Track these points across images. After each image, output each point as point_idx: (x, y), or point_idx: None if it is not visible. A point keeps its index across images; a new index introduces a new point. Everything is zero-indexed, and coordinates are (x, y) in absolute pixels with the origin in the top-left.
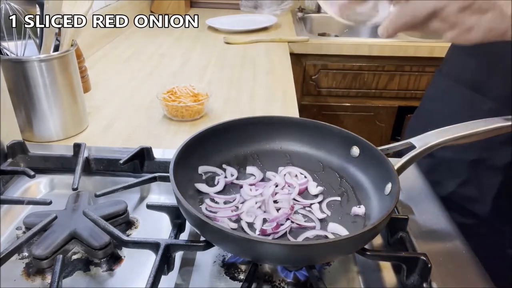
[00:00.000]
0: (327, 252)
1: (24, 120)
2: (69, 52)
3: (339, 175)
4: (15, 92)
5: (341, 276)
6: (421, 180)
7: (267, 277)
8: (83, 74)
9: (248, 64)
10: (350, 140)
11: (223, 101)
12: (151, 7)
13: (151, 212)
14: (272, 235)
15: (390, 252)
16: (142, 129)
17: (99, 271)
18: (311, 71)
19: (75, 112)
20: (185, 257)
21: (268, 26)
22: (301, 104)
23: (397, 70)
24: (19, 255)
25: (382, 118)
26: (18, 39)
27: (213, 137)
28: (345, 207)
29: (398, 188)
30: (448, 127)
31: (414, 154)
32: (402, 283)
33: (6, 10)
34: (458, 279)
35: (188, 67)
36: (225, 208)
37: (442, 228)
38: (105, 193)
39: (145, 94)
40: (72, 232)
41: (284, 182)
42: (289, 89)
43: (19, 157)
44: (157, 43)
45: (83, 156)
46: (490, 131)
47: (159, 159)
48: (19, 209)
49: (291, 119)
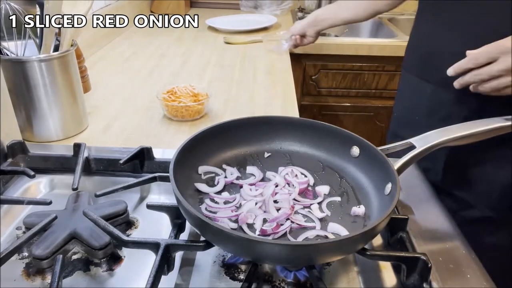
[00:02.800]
0: (327, 252)
1: (24, 120)
2: (69, 52)
3: (339, 175)
4: (15, 92)
5: (341, 276)
6: (421, 180)
7: (267, 277)
8: (83, 74)
9: (248, 64)
10: (350, 140)
11: (223, 101)
12: (151, 7)
13: (151, 212)
14: (272, 235)
15: (390, 252)
16: (142, 129)
17: (99, 271)
18: (311, 71)
19: (75, 112)
20: (185, 257)
21: (268, 26)
22: (301, 104)
23: (397, 70)
24: (19, 255)
25: (382, 118)
26: (18, 39)
27: (213, 137)
28: (345, 207)
29: (398, 188)
30: (448, 127)
31: (414, 154)
32: (402, 283)
33: (6, 10)
34: (458, 279)
35: (188, 67)
36: (225, 208)
37: (442, 228)
38: (105, 193)
39: (145, 94)
40: (72, 232)
41: (284, 182)
42: (289, 89)
43: (19, 157)
44: (157, 43)
45: (83, 156)
46: (490, 131)
47: (159, 159)
48: (19, 209)
49: (291, 119)
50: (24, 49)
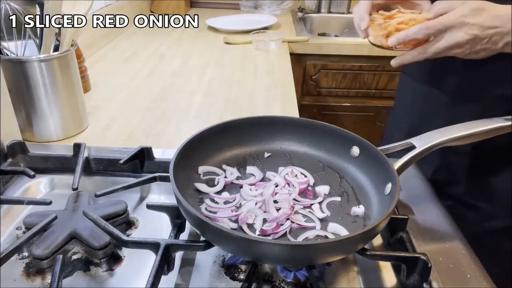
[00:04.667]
0: (327, 252)
1: (24, 120)
2: (69, 52)
3: (339, 175)
4: (15, 92)
5: (341, 276)
6: (421, 180)
7: (267, 277)
8: (83, 74)
9: (248, 64)
10: (350, 140)
11: (223, 101)
12: (151, 7)
13: (151, 212)
14: (272, 235)
15: (390, 252)
16: (142, 129)
17: (99, 271)
18: (311, 71)
19: (75, 112)
20: (185, 257)
21: (268, 26)
22: (301, 104)
23: (397, 70)
24: (19, 255)
25: (382, 118)
26: (18, 39)
27: (213, 137)
28: (345, 207)
29: (398, 188)
30: (448, 127)
31: (414, 154)
32: (402, 283)
33: (6, 10)
34: (458, 279)
35: (188, 67)
36: (225, 208)
37: (442, 228)
38: (105, 193)
39: (145, 94)
40: (72, 232)
41: (284, 182)
42: (289, 89)
43: (19, 157)
44: (157, 43)
45: (83, 156)
46: (490, 131)
47: (159, 159)
48: (19, 209)
49: (291, 119)
50: (24, 49)
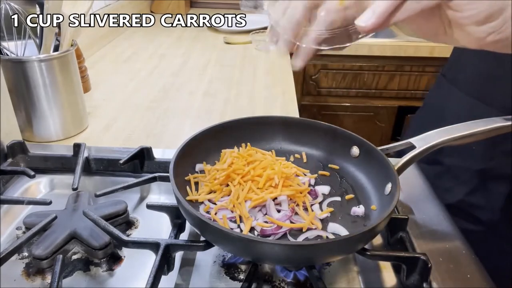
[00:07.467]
0: (327, 252)
1: (24, 120)
2: (69, 52)
3: (339, 175)
4: (15, 92)
5: (341, 276)
6: (421, 180)
7: (267, 277)
8: (83, 74)
9: (248, 64)
10: (350, 140)
11: (223, 101)
12: (151, 7)
13: (151, 212)
14: (272, 235)
15: (390, 252)
16: (142, 129)
17: (99, 271)
18: (311, 71)
19: (75, 112)
20: (185, 257)
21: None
22: (301, 104)
23: (397, 70)
24: (19, 255)
25: (382, 118)
26: (18, 39)
27: (213, 137)
28: (345, 207)
29: (398, 188)
30: (448, 127)
31: (414, 154)
32: (402, 283)
33: (6, 10)
34: (458, 279)
35: (188, 67)
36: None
37: (442, 228)
38: (105, 193)
39: (145, 94)
40: (72, 232)
41: None
42: (289, 89)
43: (19, 157)
44: (157, 43)
45: (83, 156)
46: (490, 131)
47: (159, 159)
48: (19, 209)
49: (291, 119)
50: (24, 49)
